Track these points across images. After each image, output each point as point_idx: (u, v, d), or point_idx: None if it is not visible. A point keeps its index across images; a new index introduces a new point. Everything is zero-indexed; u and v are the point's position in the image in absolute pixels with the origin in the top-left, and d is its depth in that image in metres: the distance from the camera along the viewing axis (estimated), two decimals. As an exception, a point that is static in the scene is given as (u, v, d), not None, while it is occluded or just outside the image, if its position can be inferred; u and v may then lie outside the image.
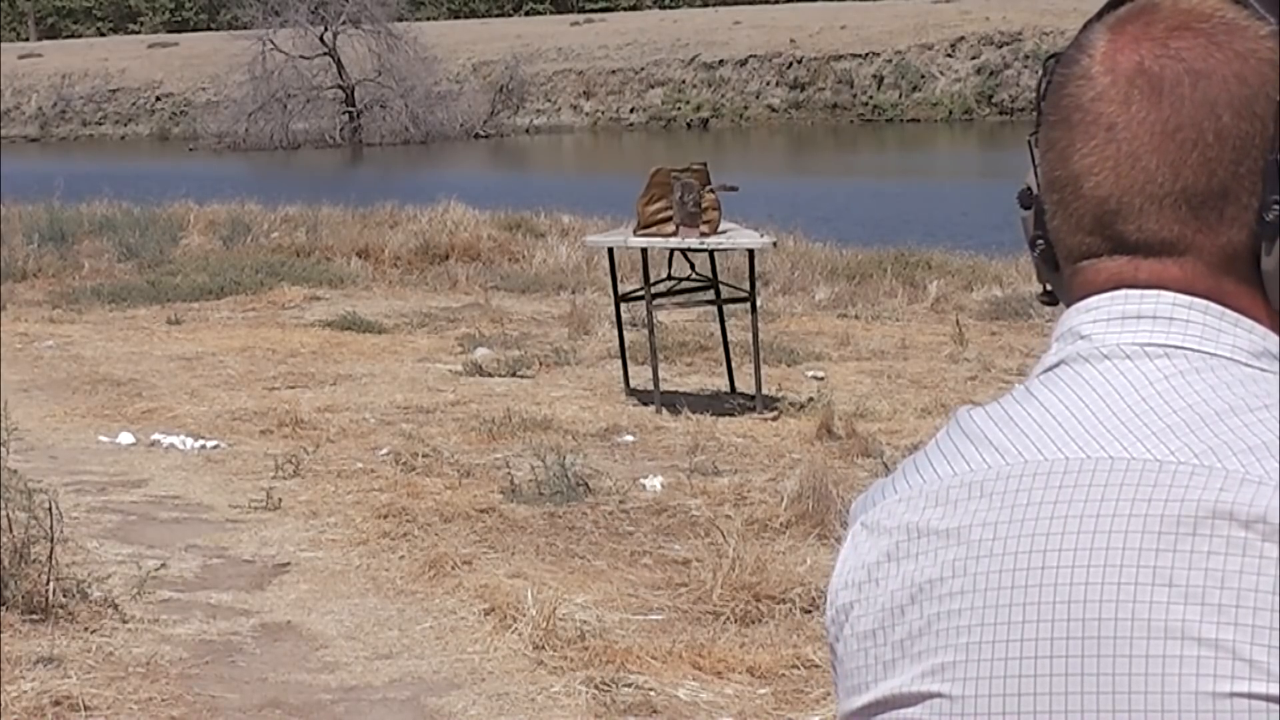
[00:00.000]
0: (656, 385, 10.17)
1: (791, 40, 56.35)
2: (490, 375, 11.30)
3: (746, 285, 10.42)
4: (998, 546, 1.21)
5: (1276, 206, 1.23)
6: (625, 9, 77.56)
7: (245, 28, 56.66)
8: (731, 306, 10.85)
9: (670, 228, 9.85)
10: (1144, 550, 1.16)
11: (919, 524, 1.26)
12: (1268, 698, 1.11)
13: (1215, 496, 1.15)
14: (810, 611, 6.28)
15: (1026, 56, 51.71)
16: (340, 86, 53.87)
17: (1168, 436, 1.18)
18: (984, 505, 1.23)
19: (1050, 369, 1.27)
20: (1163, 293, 1.25)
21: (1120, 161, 1.26)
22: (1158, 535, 1.15)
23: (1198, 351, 1.22)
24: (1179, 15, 1.26)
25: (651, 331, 10.34)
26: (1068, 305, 1.30)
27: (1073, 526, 1.19)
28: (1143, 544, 1.16)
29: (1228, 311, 1.24)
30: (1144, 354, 1.23)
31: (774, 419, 9.85)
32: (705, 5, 72.81)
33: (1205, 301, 1.24)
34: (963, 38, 53.71)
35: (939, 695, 1.23)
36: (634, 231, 10.03)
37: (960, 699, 1.22)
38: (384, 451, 9.05)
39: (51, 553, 6.37)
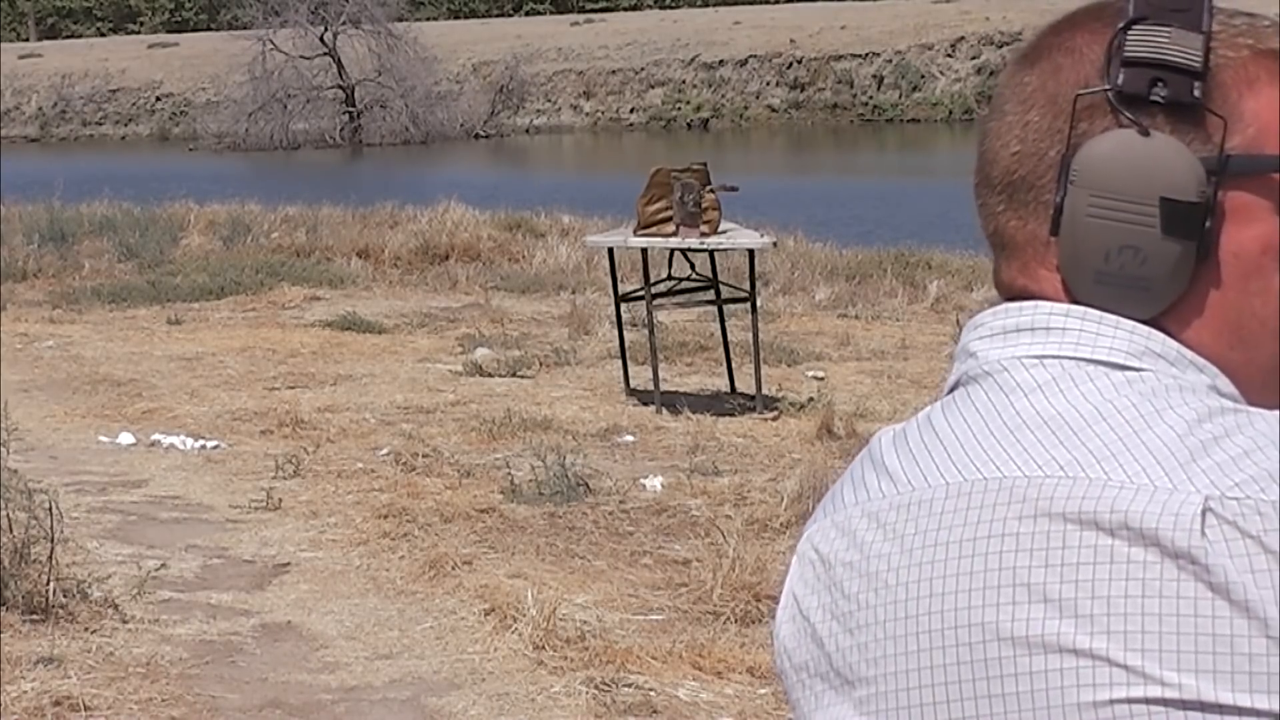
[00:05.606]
0: (656, 385, 10.17)
1: (791, 40, 56.35)
2: (490, 375, 11.30)
3: (746, 285, 10.41)
4: (892, 578, 1.21)
5: (1059, 201, 1.21)
6: (625, 9, 77.55)
7: (245, 28, 56.67)
8: (731, 306, 10.85)
9: (670, 228, 9.84)
10: (1018, 569, 1.15)
11: (829, 555, 1.26)
12: (1147, 700, 1.11)
13: (1079, 506, 1.13)
14: (810, 611, 6.27)
15: (1026, 56, 51.69)
16: (340, 86, 53.87)
17: (1037, 450, 1.17)
18: (879, 536, 1.23)
19: (951, 390, 1.27)
20: (1040, 303, 1.24)
21: (981, 148, 1.28)
22: (1030, 553, 1.14)
23: (1073, 359, 1.20)
24: (1094, 6, 1.25)
25: (651, 331, 10.34)
26: None
27: (954, 553, 1.18)
28: (1016, 562, 1.15)
29: (1107, 315, 1.21)
30: (1021, 366, 1.22)
31: (774, 419, 9.85)
32: (705, 5, 72.80)
33: (1083, 308, 1.22)
34: (963, 38, 53.71)
35: None
36: (634, 231, 10.02)
37: None
38: (384, 451, 9.05)
39: (52, 553, 6.37)
